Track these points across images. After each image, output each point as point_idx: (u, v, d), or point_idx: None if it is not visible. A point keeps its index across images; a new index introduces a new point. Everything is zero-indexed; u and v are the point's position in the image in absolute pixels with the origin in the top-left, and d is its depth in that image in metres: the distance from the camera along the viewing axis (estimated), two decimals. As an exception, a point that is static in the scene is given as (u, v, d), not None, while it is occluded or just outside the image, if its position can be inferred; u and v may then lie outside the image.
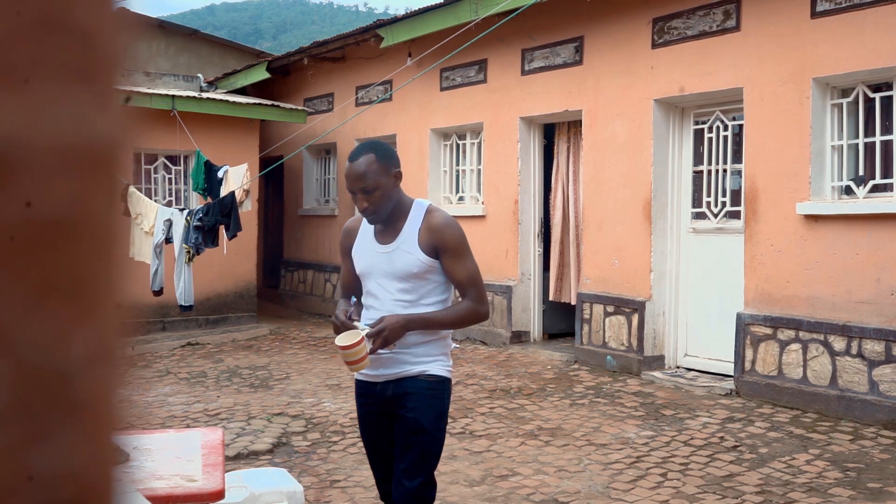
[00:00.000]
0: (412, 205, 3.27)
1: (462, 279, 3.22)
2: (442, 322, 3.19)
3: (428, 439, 3.16)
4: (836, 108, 6.45)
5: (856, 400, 5.97)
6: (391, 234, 3.23)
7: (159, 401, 7.32)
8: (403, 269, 3.18)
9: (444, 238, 3.18)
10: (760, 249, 6.75)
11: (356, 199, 3.16)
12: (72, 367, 0.55)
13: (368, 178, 3.10)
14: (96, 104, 0.56)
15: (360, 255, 3.29)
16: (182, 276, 9.00)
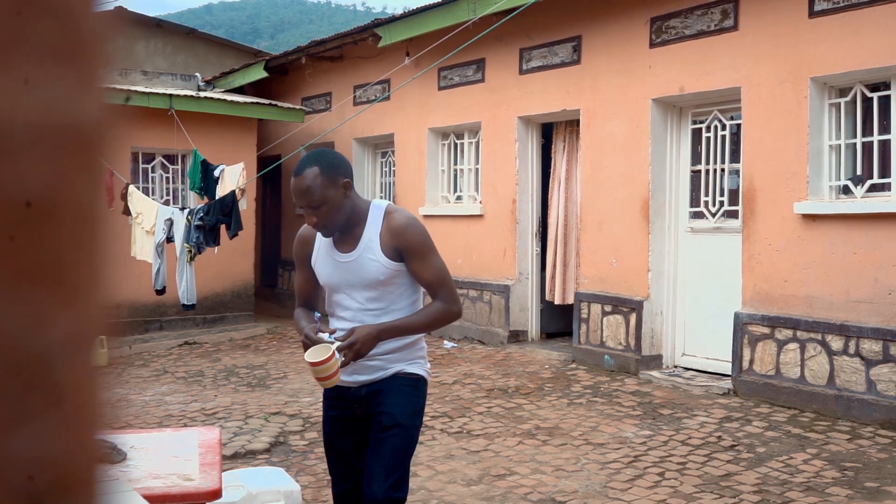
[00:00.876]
0: (369, 208, 3.11)
1: (431, 280, 3.07)
2: (415, 327, 3.06)
3: (402, 434, 3.04)
4: (833, 108, 6.45)
5: (853, 399, 5.97)
6: (351, 242, 3.09)
7: (156, 400, 7.31)
8: (369, 277, 3.05)
9: (406, 239, 3.04)
10: (758, 249, 6.75)
11: (304, 213, 3.01)
12: (52, 351, 0.54)
13: (314, 192, 2.95)
14: (77, 85, 0.55)
15: (322, 267, 3.16)
16: (184, 276, 9.00)
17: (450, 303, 3.08)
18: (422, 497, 4.76)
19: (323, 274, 3.14)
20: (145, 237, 9.07)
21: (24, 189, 0.52)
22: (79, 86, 0.55)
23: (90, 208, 0.56)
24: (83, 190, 0.56)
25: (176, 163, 11.37)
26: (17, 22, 0.51)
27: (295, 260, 3.31)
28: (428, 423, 6.24)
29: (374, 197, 11.86)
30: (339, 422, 3.18)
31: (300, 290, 3.33)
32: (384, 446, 3.02)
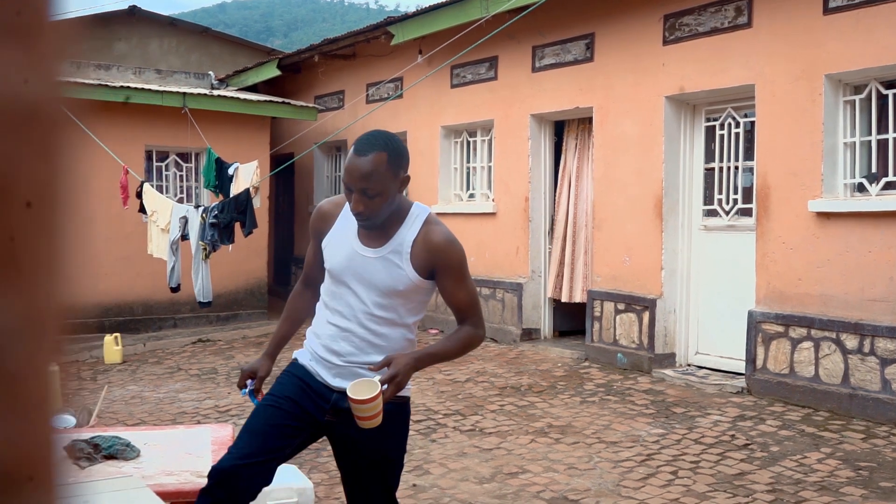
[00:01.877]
0: (410, 210, 2.80)
1: (463, 304, 2.83)
2: (447, 355, 2.85)
3: (397, 468, 2.89)
4: (848, 105, 6.41)
5: (868, 398, 5.94)
6: (380, 238, 2.77)
7: (170, 397, 7.34)
8: (387, 284, 2.75)
9: (447, 259, 2.77)
10: (772, 247, 6.72)
11: (351, 197, 2.68)
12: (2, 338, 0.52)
13: (374, 179, 2.62)
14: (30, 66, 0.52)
15: (336, 251, 2.82)
16: (200, 273, 9.03)
17: (479, 328, 2.86)
18: (434, 495, 4.77)
19: (334, 259, 2.82)
20: (160, 235, 9.11)
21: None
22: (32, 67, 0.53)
23: (45, 192, 0.54)
24: (38, 173, 0.53)
25: (190, 161, 11.41)
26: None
27: (310, 231, 2.99)
28: (440, 421, 6.24)
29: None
30: (294, 407, 2.82)
31: (307, 265, 3.06)
32: (382, 481, 2.86)
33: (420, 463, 5.34)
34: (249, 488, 2.71)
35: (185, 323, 11.01)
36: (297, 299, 3.08)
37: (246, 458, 2.70)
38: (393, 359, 2.64)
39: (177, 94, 10.78)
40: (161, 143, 11.06)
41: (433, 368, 8.05)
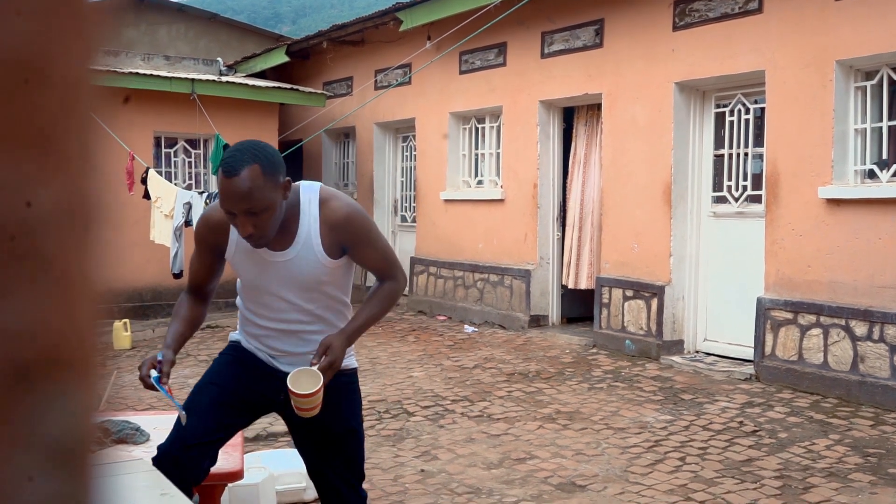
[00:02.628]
0: (300, 197, 2.67)
1: (381, 265, 2.79)
2: (375, 317, 2.79)
3: (359, 438, 2.89)
4: (859, 91, 6.37)
5: (877, 385, 5.92)
6: (284, 238, 2.65)
7: (179, 383, 7.36)
8: (309, 279, 2.68)
9: (352, 229, 2.68)
10: (781, 234, 6.70)
11: (235, 221, 2.51)
12: (35, 218, 0.52)
13: (255, 197, 2.45)
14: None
15: (246, 265, 2.72)
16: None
17: (397, 280, 2.81)
18: (442, 480, 4.78)
19: (248, 274, 2.73)
20: (164, 221, 9.13)
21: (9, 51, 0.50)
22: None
23: (80, 76, 0.54)
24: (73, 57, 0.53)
25: (198, 147, 11.42)
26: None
27: (197, 243, 2.81)
28: (448, 407, 6.26)
29: (392, 184, 11.86)
30: (239, 386, 2.79)
31: (196, 278, 2.88)
32: (342, 455, 2.85)
33: (428, 448, 5.35)
34: (195, 468, 2.71)
35: (194, 309, 11.02)
36: (186, 306, 2.89)
37: (190, 438, 2.68)
38: (328, 344, 2.62)
39: (185, 81, 10.79)
40: (169, 130, 11.06)
41: (441, 355, 8.06)
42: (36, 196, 0.52)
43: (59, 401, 0.54)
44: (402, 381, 7.06)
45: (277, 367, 2.80)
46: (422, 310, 10.64)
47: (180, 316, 2.86)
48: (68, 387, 0.55)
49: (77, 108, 0.54)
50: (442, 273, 10.40)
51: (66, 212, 0.54)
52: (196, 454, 2.69)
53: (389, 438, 5.55)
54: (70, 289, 0.55)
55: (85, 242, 0.55)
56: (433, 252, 10.62)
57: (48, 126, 0.52)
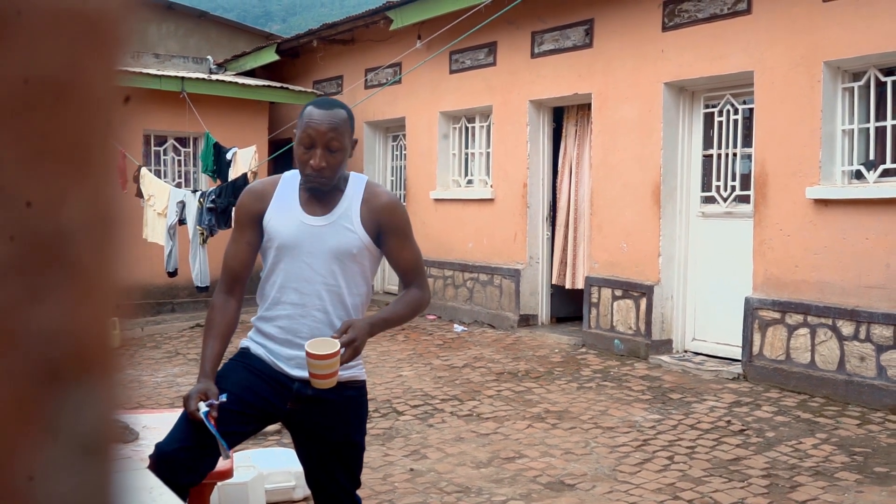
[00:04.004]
0: (349, 177, 2.82)
1: (410, 264, 2.84)
2: (399, 319, 2.84)
3: (360, 451, 2.88)
4: (847, 92, 6.41)
5: (864, 385, 5.96)
6: (325, 205, 2.75)
7: (168, 381, 7.36)
8: (341, 248, 2.72)
9: (393, 218, 2.79)
10: (769, 234, 6.73)
11: (312, 154, 2.65)
12: (68, 227, 0.56)
13: (339, 132, 2.65)
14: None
15: (282, 226, 2.75)
16: (197, 258, 9.04)
17: (425, 290, 2.88)
18: (431, 479, 4.79)
19: (282, 234, 2.74)
20: (157, 219, 9.12)
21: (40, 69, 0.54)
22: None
23: (104, 93, 0.58)
24: (99, 75, 0.57)
25: (188, 145, 11.40)
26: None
27: (239, 220, 2.85)
28: (438, 406, 6.27)
29: (382, 182, 11.87)
30: (247, 394, 2.74)
31: (233, 263, 2.85)
32: (344, 465, 2.84)
33: (417, 447, 5.36)
34: (193, 470, 2.66)
35: (184, 307, 11.02)
36: (220, 313, 2.85)
37: (189, 440, 2.62)
38: (351, 323, 2.63)
39: (175, 79, 10.76)
40: (159, 128, 11.04)
41: (431, 354, 8.07)
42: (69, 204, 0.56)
43: (87, 398, 0.58)
44: (391, 381, 7.06)
45: (287, 371, 2.76)
46: (411, 309, 10.63)
47: (214, 331, 2.83)
48: (95, 385, 0.58)
49: (99, 122, 0.58)
50: (432, 272, 10.40)
51: (94, 220, 0.58)
52: (195, 456, 2.64)
53: (379, 437, 5.55)
54: (98, 292, 0.58)
55: (110, 248, 0.59)
56: (423, 251, 10.55)
57: (72, 141, 0.57)
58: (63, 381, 0.56)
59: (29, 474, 0.55)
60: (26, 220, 0.55)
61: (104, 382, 0.59)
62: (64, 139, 0.56)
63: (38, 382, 0.55)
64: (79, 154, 0.57)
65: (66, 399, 0.56)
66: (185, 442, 2.63)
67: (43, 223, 0.55)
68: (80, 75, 0.56)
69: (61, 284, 0.56)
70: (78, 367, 0.57)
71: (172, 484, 2.46)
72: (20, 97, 0.54)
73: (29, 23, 0.53)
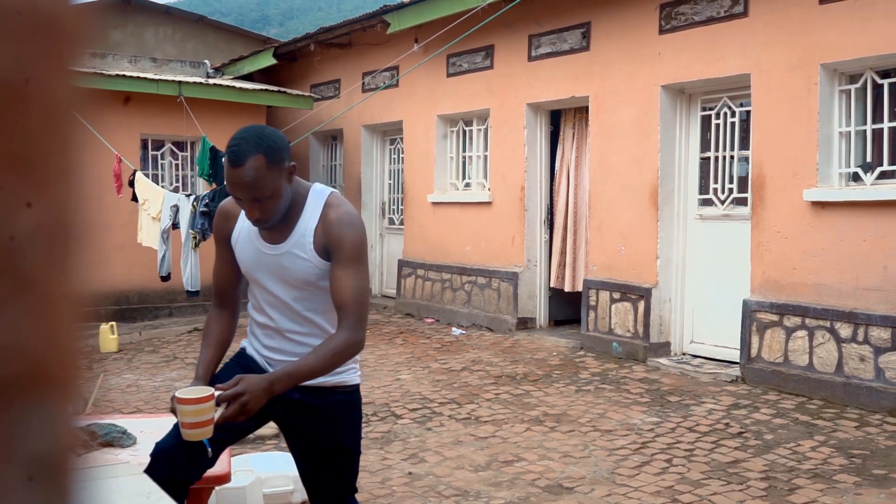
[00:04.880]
0: (308, 194, 2.66)
1: (346, 295, 2.57)
2: (312, 372, 2.55)
3: (353, 456, 2.84)
4: (844, 95, 6.42)
5: (862, 387, 5.96)
6: (281, 232, 2.66)
7: (166, 385, 7.34)
8: (298, 277, 2.64)
9: (340, 239, 2.59)
10: (767, 236, 6.73)
11: (242, 205, 2.56)
12: (20, 239, 0.53)
13: (259, 185, 2.48)
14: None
15: (243, 252, 2.74)
16: (189, 262, 9.04)
17: (355, 331, 2.57)
18: (430, 483, 4.78)
19: (244, 261, 2.74)
20: (151, 223, 9.11)
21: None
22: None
23: (61, 97, 0.54)
24: (52, 77, 0.54)
25: (185, 150, 11.40)
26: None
27: (215, 239, 2.85)
28: (436, 410, 6.26)
29: (380, 186, 11.87)
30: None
31: (219, 280, 2.86)
32: (335, 469, 2.81)
33: (416, 451, 5.35)
34: (190, 468, 2.65)
35: (181, 312, 11.00)
36: (215, 324, 2.87)
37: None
38: (244, 378, 2.48)
39: (172, 83, 10.75)
40: (156, 132, 11.03)
41: (429, 358, 8.06)
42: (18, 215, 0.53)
43: (39, 416, 0.54)
44: (389, 384, 7.06)
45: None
46: (409, 312, 10.64)
47: (210, 339, 2.83)
48: (49, 402, 0.55)
49: (58, 127, 0.55)
50: (429, 276, 10.40)
51: (47, 231, 0.54)
52: (192, 453, 2.63)
53: (377, 441, 5.55)
54: (51, 306, 0.55)
55: (66, 261, 0.55)
56: (421, 255, 10.63)
57: (28, 147, 0.53)
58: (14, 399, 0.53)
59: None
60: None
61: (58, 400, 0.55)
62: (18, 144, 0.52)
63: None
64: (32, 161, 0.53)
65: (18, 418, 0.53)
66: (181, 439, 2.62)
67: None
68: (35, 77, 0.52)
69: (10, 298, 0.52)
70: (30, 385, 0.54)
71: (169, 481, 2.47)
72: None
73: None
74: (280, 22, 69.89)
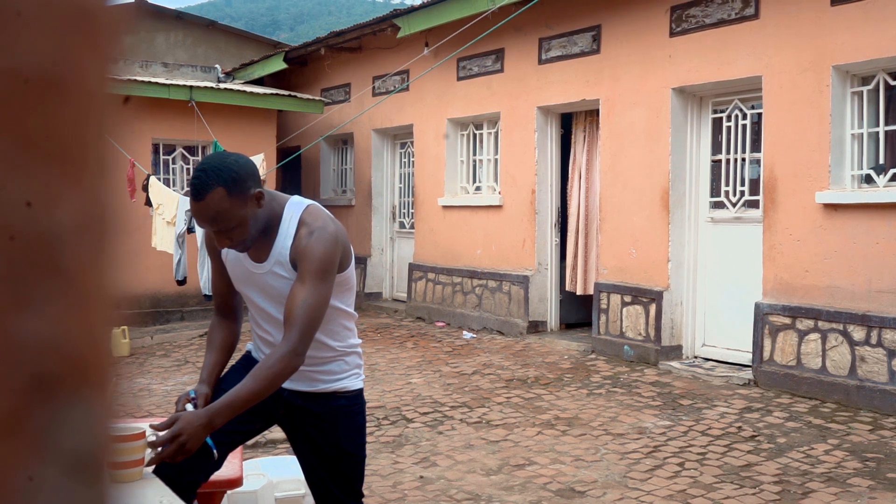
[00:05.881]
0: (283, 213, 2.64)
1: (295, 308, 2.50)
2: (253, 395, 2.48)
3: (357, 462, 2.85)
4: (856, 96, 6.39)
5: (875, 390, 5.93)
6: (263, 249, 2.66)
7: (178, 390, 7.36)
8: (283, 294, 2.63)
9: (304, 252, 2.56)
10: (779, 239, 6.71)
11: (214, 235, 2.58)
12: (58, 232, 0.52)
13: (223, 217, 2.47)
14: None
15: (233, 269, 2.76)
16: (205, 266, 9.05)
17: (294, 347, 2.48)
18: (441, 487, 4.78)
19: (235, 278, 2.77)
20: (166, 228, 9.14)
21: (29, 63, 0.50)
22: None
23: (97, 89, 0.54)
24: (90, 68, 0.53)
25: (196, 154, 11.43)
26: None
27: (208, 251, 2.86)
28: (447, 414, 6.26)
29: (390, 190, 11.87)
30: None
31: (216, 289, 2.89)
32: (340, 478, 2.82)
33: (427, 455, 5.35)
34: (197, 470, 2.67)
35: (193, 316, 11.03)
36: (217, 330, 2.88)
37: None
38: (180, 417, 2.43)
39: (183, 88, 10.80)
40: (168, 137, 11.07)
41: (440, 361, 8.06)
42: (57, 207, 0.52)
43: (77, 411, 0.54)
44: (400, 388, 7.05)
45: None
46: (420, 316, 10.64)
47: (214, 344, 2.84)
48: (86, 397, 0.55)
49: (94, 119, 0.54)
50: (440, 279, 10.40)
51: (85, 224, 0.53)
52: (199, 454, 2.61)
53: (388, 445, 5.54)
54: (89, 300, 0.54)
55: (103, 254, 0.55)
56: (431, 258, 10.63)
57: (66, 138, 0.52)
58: (54, 394, 0.53)
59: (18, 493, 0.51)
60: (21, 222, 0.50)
61: (97, 396, 0.55)
62: (57, 136, 0.52)
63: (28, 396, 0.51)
64: (73, 152, 0.53)
65: (58, 413, 0.53)
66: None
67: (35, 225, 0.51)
68: (73, 70, 0.52)
69: (53, 291, 0.52)
70: (70, 380, 0.53)
71: (176, 484, 2.49)
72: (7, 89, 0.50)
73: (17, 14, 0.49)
74: (290, 27, 70.09)
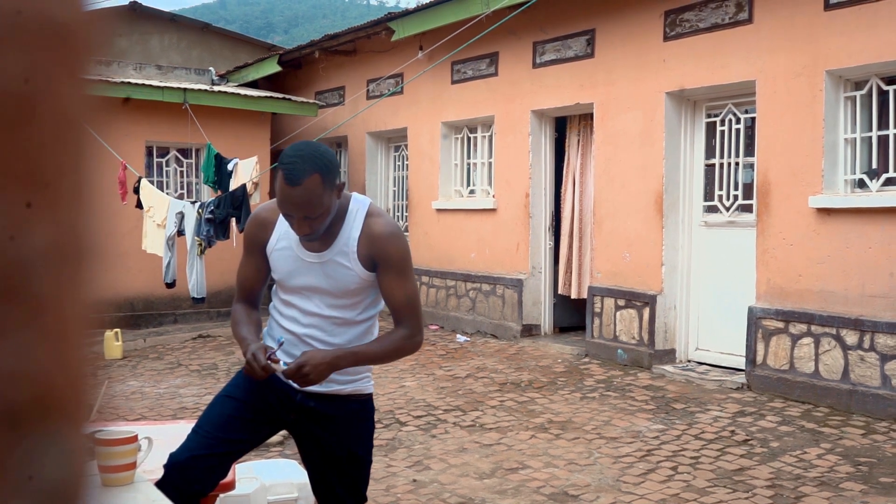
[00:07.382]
0: (349, 205, 2.70)
1: (401, 303, 2.69)
2: (374, 357, 2.70)
3: (365, 465, 2.87)
4: (849, 101, 6.41)
5: (868, 394, 5.94)
6: (324, 239, 2.67)
7: (171, 392, 7.34)
8: (339, 286, 2.68)
9: (387, 251, 2.65)
10: (772, 243, 6.72)
11: (293, 221, 2.58)
12: (31, 259, 0.50)
13: (313, 204, 2.52)
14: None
15: (282, 261, 2.74)
16: (194, 269, 9.04)
17: (415, 332, 2.71)
18: (434, 490, 4.77)
19: (281, 269, 2.75)
20: (156, 230, 9.12)
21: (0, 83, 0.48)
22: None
23: (72, 109, 0.52)
24: (64, 87, 0.51)
25: (190, 157, 11.42)
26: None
27: (246, 244, 2.86)
28: (441, 417, 6.25)
29: (384, 193, 11.87)
30: (256, 401, 2.77)
31: (245, 283, 2.87)
32: (345, 476, 2.83)
33: (420, 458, 5.34)
34: (204, 479, 2.67)
35: (186, 318, 11.01)
36: (244, 313, 2.85)
37: (202, 448, 2.66)
38: (307, 354, 2.57)
39: (177, 90, 10.78)
40: (161, 139, 11.05)
41: (433, 365, 8.05)
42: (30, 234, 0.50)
43: (51, 444, 0.52)
44: (394, 391, 7.05)
45: (291, 383, 2.73)
46: (414, 319, 10.62)
47: (243, 321, 2.81)
48: (60, 429, 0.53)
49: (69, 143, 0.52)
50: (434, 283, 10.40)
51: (58, 251, 0.52)
52: (205, 465, 2.66)
53: (381, 448, 5.53)
54: (62, 329, 0.53)
55: (77, 282, 0.53)
56: (425, 261, 10.62)
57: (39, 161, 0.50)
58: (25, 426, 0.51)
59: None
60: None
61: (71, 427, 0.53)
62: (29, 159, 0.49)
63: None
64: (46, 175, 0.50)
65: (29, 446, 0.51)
66: (197, 451, 2.67)
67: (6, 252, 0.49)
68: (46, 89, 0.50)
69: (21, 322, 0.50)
70: (41, 412, 0.51)
71: (184, 493, 2.49)
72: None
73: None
74: (285, 29, 70.04)
